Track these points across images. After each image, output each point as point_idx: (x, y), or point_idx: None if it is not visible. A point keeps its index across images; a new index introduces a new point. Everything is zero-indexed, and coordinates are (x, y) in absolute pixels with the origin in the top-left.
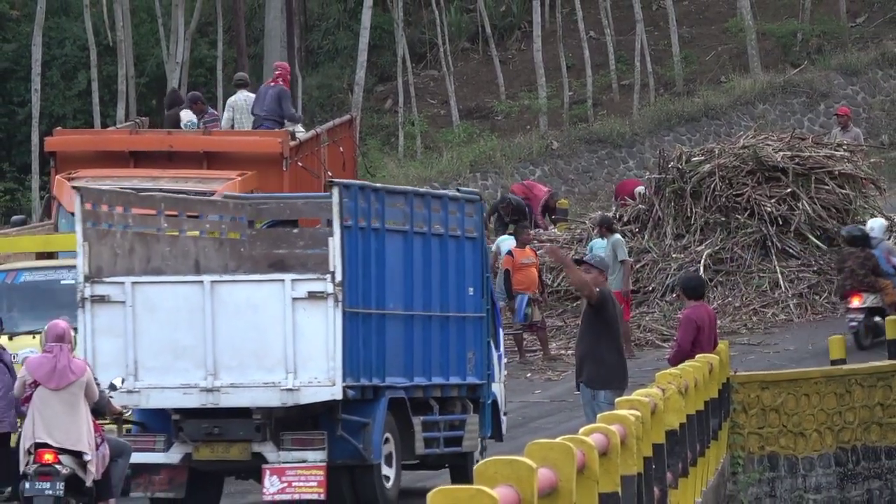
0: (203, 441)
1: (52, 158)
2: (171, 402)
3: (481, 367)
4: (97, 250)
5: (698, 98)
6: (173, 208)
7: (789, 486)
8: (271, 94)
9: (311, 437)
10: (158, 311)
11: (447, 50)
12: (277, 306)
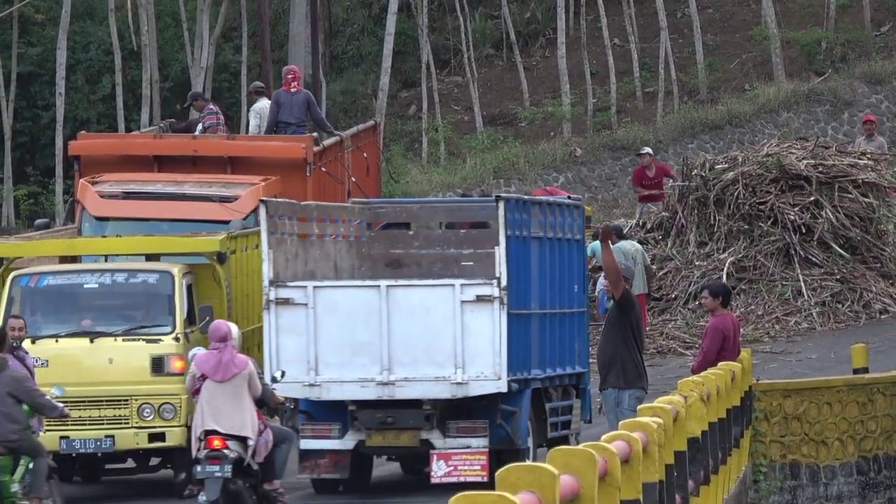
0: (376, 429)
1: (75, 162)
2: (349, 394)
3: (584, 356)
4: (276, 257)
5: (722, 106)
6: (320, 215)
7: (811, 495)
8: (299, 101)
9: (475, 426)
10: (338, 312)
11: (471, 56)
12: (448, 308)
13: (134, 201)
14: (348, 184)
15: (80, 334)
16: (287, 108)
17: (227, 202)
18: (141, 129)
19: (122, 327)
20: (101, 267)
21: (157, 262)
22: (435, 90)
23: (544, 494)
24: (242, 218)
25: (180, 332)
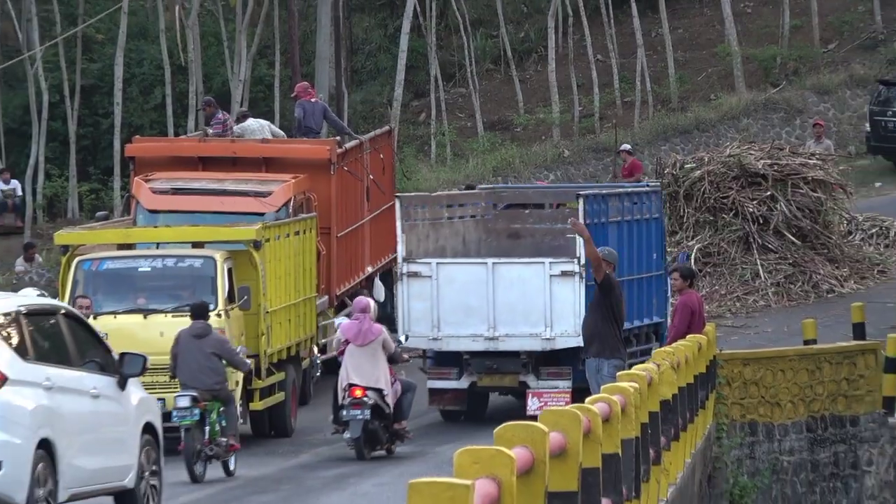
0: (485, 373)
1: (131, 163)
2: (463, 346)
3: (662, 309)
4: (408, 239)
5: (690, 113)
6: (451, 202)
7: (766, 450)
8: (319, 110)
9: (561, 371)
10: (455, 283)
11: (473, 70)
12: (539, 280)
13: (182, 196)
14: (367, 181)
15: (135, 311)
16: (310, 115)
17: (262, 197)
18: (188, 134)
19: (172, 305)
20: (154, 253)
21: (202, 249)
22: (442, 100)
23: (536, 448)
24: (275, 210)
25: (221, 309)
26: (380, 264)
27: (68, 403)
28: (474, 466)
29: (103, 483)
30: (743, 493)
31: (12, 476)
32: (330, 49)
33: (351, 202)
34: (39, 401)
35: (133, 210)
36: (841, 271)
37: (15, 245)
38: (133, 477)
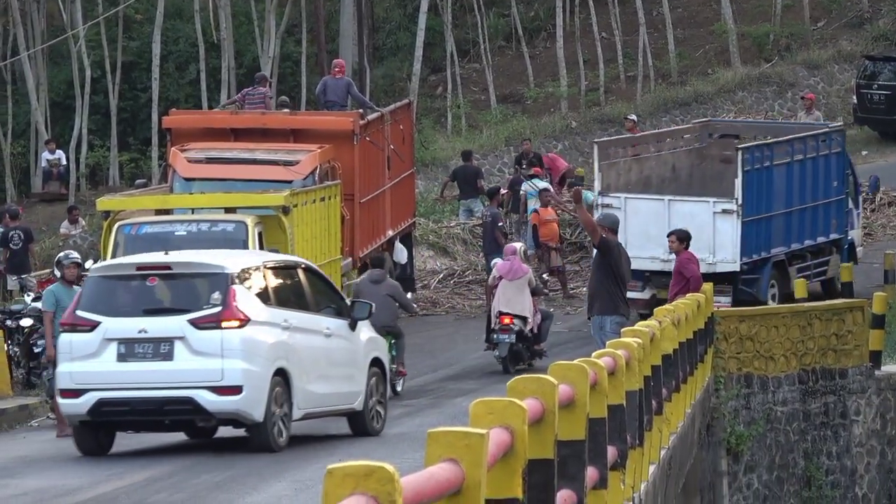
0: (661, 287)
1: (168, 134)
2: (645, 266)
3: (841, 227)
4: (606, 175)
5: (689, 87)
6: (658, 139)
7: (761, 401)
8: (342, 85)
9: (723, 289)
10: (639, 214)
11: (486, 47)
12: (706, 216)
13: (215, 165)
14: (387, 151)
15: None
16: (332, 90)
17: (290, 166)
18: (220, 106)
19: None
20: (189, 218)
21: (234, 214)
22: (457, 74)
23: (546, 400)
24: (302, 178)
25: None
26: (400, 228)
27: (303, 340)
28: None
29: (333, 406)
30: (739, 441)
31: (251, 398)
32: (353, 27)
33: (373, 170)
34: (278, 337)
35: (170, 178)
36: None
37: (60, 211)
38: (361, 401)
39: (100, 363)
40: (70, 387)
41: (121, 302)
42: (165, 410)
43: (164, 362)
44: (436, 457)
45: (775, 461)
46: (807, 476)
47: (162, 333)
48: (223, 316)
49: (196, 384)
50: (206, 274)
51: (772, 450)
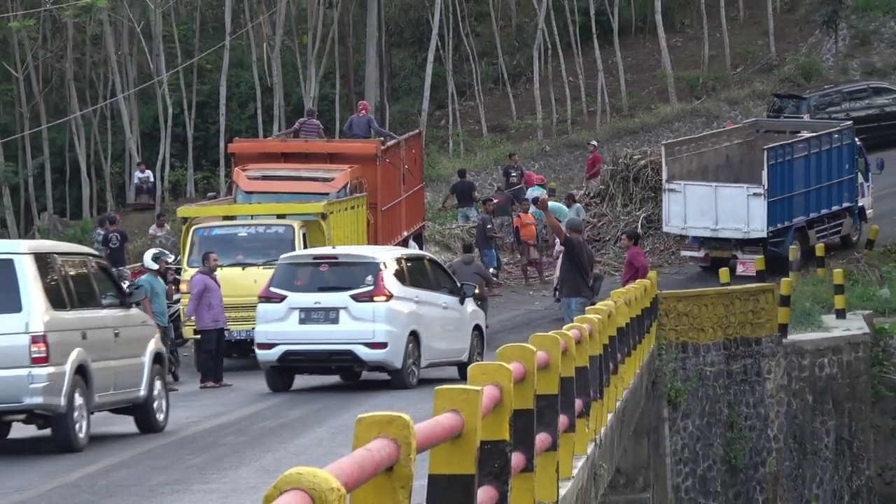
0: (713, 248)
1: (232, 157)
2: (700, 233)
3: (852, 197)
4: (671, 167)
5: (637, 119)
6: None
7: (694, 363)
8: (364, 121)
9: (755, 249)
10: (695, 196)
11: (479, 89)
12: (742, 197)
13: (269, 181)
14: (403, 170)
15: (236, 265)
16: (357, 126)
17: (327, 181)
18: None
19: (262, 260)
20: (249, 222)
21: (284, 219)
22: (457, 110)
23: (527, 363)
24: (336, 191)
25: None
26: (413, 229)
27: (428, 311)
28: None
29: (448, 358)
30: (678, 394)
31: (393, 351)
32: (376, 73)
33: (391, 185)
34: (411, 308)
35: (234, 191)
36: None
37: (148, 218)
38: (466, 355)
39: (286, 325)
40: (265, 341)
41: (302, 281)
42: (332, 359)
43: (332, 325)
44: (441, 408)
45: (705, 410)
46: (730, 421)
47: (331, 304)
48: (374, 293)
49: (355, 341)
50: (362, 262)
51: (703, 401)
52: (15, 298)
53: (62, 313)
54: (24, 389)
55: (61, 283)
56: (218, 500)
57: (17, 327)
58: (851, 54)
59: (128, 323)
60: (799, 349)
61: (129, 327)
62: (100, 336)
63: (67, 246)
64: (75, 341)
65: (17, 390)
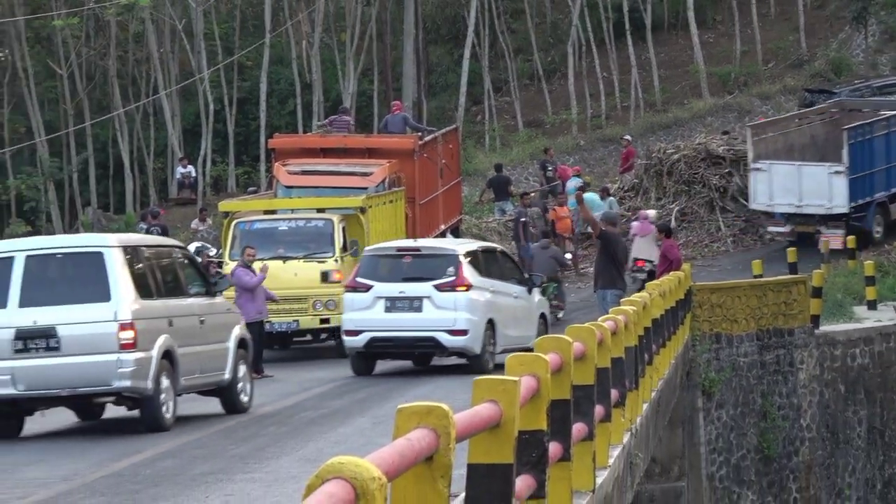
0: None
1: (272, 152)
2: (784, 210)
3: None
4: (757, 147)
5: (670, 114)
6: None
7: (728, 353)
8: (399, 119)
9: (838, 224)
10: (779, 174)
11: (515, 85)
12: (824, 175)
13: (309, 176)
14: (440, 164)
15: (276, 258)
16: (392, 124)
17: (366, 176)
18: (312, 131)
19: (303, 253)
20: (289, 216)
21: (324, 213)
22: (493, 106)
23: (564, 354)
24: (375, 186)
25: (338, 256)
26: (450, 223)
27: (501, 300)
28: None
29: (518, 344)
30: (711, 384)
31: (473, 338)
32: (413, 70)
33: (429, 179)
34: (487, 298)
35: (274, 186)
36: None
37: (190, 212)
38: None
39: (372, 313)
40: (352, 328)
41: (386, 272)
42: (416, 345)
43: (416, 313)
44: (480, 398)
45: (739, 399)
46: (763, 411)
47: (415, 294)
48: (455, 283)
49: (437, 328)
50: (443, 254)
51: (736, 391)
52: (104, 288)
53: (149, 302)
54: (113, 373)
55: (148, 273)
56: (260, 490)
57: (106, 315)
58: (881, 49)
59: (213, 311)
60: (831, 340)
61: (213, 315)
62: (185, 323)
63: (155, 239)
64: (162, 328)
65: (106, 374)
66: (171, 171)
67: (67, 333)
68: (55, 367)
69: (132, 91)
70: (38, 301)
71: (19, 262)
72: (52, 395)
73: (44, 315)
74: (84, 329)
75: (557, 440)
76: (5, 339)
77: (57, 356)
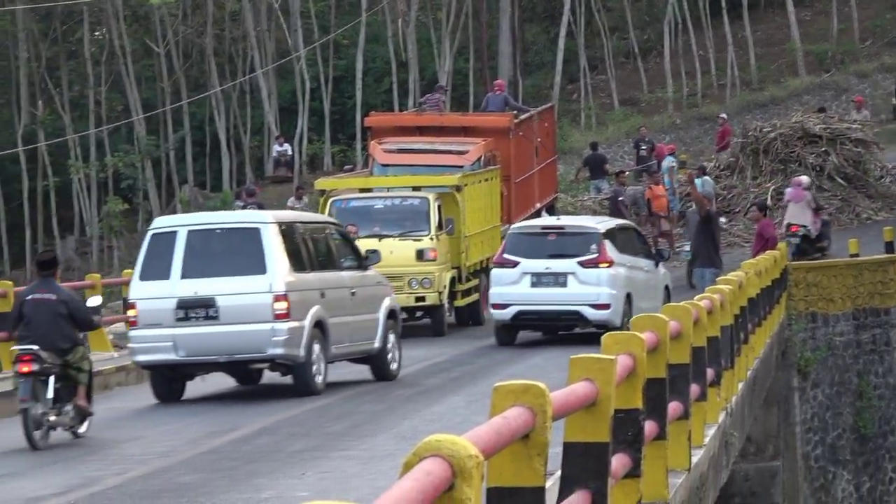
0: None
1: (368, 131)
2: None
3: None
4: None
5: (767, 92)
6: None
7: (824, 332)
8: (500, 98)
9: None
10: None
11: (611, 63)
12: None
13: (405, 154)
14: (535, 143)
15: (372, 236)
16: (493, 103)
17: (461, 154)
18: (407, 110)
19: (398, 231)
20: (385, 195)
21: (420, 192)
22: (588, 84)
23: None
24: (471, 164)
25: (434, 234)
26: (545, 201)
27: (636, 275)
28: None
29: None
30: (807, 363)
31: (615, 311)
32: (509, 48)
33: (524, 157)
34: (625, 273)
35: (370, 164)
36: (876, 205)
37: (286, 190)
38: None
39: (519, 287)
40: (499, 302)
41: (532, 249)
42: (560, 318)
43: (561, 288)
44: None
45: (835, 379)
46: (859, 390)
47: (560, 270)
48: (599, 259)
49: (581, 303)
50: (586, 232)
51: (832, 370)
52: (260, 262)
53: (302, 275)
54: (268, 341)
55: (302, 248)
56: (356, 467)
57: (262, 287)
58: None
59: (364, 283)
60: None
61: (364, 287)
62: (337, 295)
63: (309, 215)
64: (314, 299)
65: (261, 342)
66: (267, 149)
67: (225, 303)
68: (214, 334)
69: (229, 69)
70: (199, 273)
71: (181, 236)
72: (210, 360)
73: (204, 286)
74: (241, 300)
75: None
76: (168, 309)
77: (215, 325)
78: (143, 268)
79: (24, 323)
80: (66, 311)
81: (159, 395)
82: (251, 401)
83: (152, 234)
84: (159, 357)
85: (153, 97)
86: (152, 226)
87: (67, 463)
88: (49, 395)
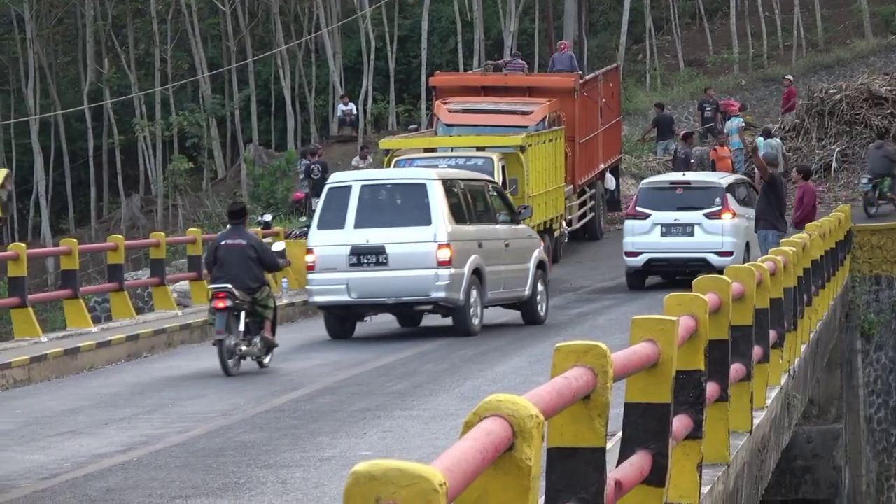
0: None
1: (433, 90)
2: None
3: None
4: None
5: (833, 54)
6: None
7: (888, 295)
8: (566, 58)
9: None
10: None
11: (676, 23)
12: None
13: (469, 114)
14: (600, 103)
15: None
16: (559, 62)
17: (526, 115)
18: (473, 70)
19: None
20: (450, 154)
21: (484, 152)
22: (654, 45)
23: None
24: (535, 124)
25: None
26: (609, 162)
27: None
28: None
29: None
30: (871, 326)
31: (737, 259)
32: (574, 8)
33: (589, 118)
34: (744, 223)
35: (434, 124)
36: None
37: (350, 149)
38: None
39: (650, 237)
40: (632, 251)
41: (662, 202)
42: (688, 265)
43: (689, 238)
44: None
45: None
46: None
47: (687, 221)
48: (722, 211)
49: (707, 251)
50: (710, 187)
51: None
52: (426, 214)
53: (463, 227)
54: (431, 286)
55: (463, 203)
56: (418, 427)
57: (427, 237)
58: None
59: (516, 236)
60: None
61: (517, 239)
62: (493, 246)
63: (470, 174)
64: (473, 249)
65: (425, 286)
66: (332, 108)
67: (394, 251)
68: (383, 279)
69: (294, 28)
70: (371, 223)
71: (355, 190)
72: (379, 302)
73: (375, 235)
74: (408, 248)
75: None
76: (342, 255)
77: (385, 270)
78: (320, 218)
79: (218, 265)
80: (255, 254)
81: (333, 334)
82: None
83: (329, 188)
84: (334, 298)
85: (219, 56)
86: (329, 180)
87: (130, 421)
88: (241, 329)
